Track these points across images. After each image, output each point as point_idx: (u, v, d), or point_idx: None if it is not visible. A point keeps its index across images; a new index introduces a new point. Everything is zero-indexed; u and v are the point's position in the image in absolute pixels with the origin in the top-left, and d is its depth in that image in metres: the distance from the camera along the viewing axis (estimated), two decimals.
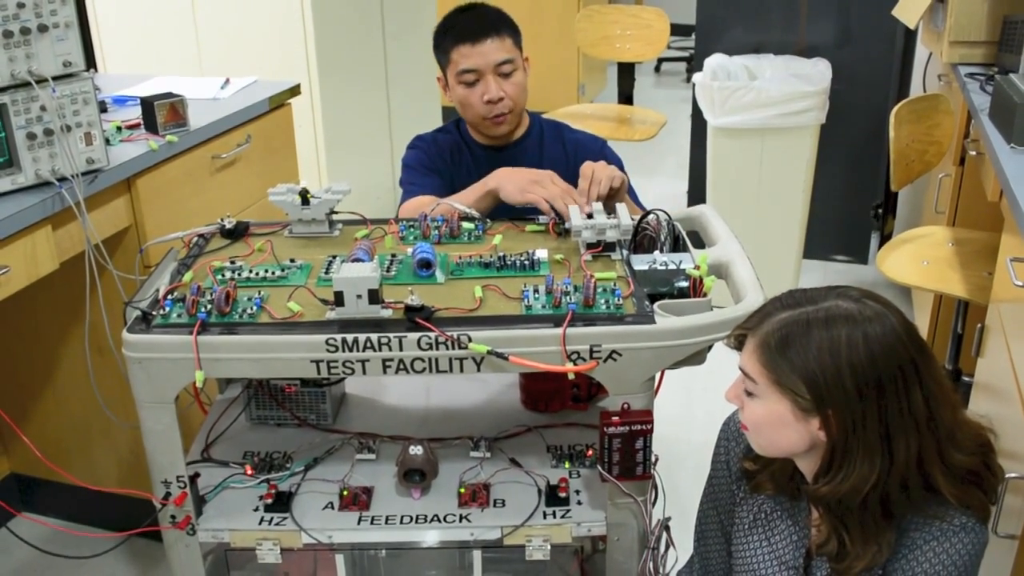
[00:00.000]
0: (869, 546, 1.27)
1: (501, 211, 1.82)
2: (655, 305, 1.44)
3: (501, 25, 2.02)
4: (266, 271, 1.58)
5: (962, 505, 1.27)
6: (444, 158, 2.12)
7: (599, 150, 2.09)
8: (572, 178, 1.76)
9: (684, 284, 1.53)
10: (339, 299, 1.41)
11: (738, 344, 1.33)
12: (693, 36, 4.02)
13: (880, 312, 1.24)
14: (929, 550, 1.26)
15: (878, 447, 1.23)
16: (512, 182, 1.77)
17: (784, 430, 1.27)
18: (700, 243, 1.70)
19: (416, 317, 1.39)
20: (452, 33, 2.03)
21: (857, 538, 1.28)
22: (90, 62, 1.97)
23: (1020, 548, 1.53)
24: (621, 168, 1.88)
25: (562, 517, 1.56)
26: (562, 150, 2.12)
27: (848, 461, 1.24)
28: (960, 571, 1.26)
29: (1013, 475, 1.52)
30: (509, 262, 1.58)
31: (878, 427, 1.22)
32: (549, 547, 1.55)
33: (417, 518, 1.57)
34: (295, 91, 2.54)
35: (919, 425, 1.23)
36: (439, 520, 1.56)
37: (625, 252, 1.62)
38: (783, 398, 1.25)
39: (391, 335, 1.39)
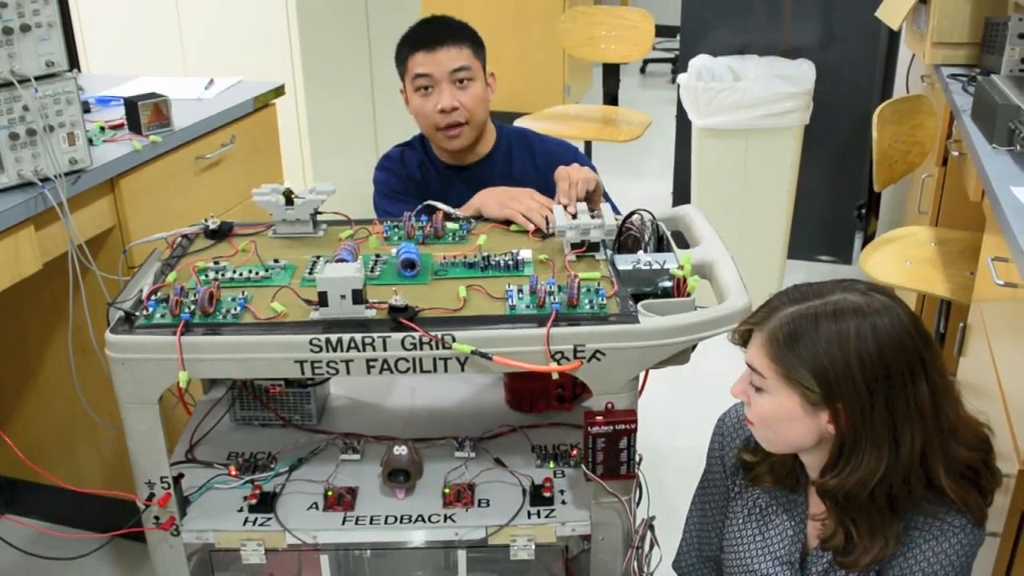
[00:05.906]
0: (876, 539, 1.28)
1: None
2: (639, 305, 1.44)
3: (460, 35, 1.98)
4: (250, 271, 1.58)
5: (961, 504, 1.27)
6: (414, 178, 2.10)
7: (572, 158, 2.01)
8: (544, 190, 1.78)
9: (668, 284, 1.54)
10: (323, 299, 1.41)
11: (743, 340, 1.33)
12: (678, 37, 4.03)
13: (888, 304, 1.24)
14: (928, 548, 1.28)
15: (885, 439, 1.24)
16: (493, 198, 1.81)
17: (793, 424, 1.28)
18: (684, 243, 1.71)
19: (400, 317, 1.39)
20: (410, 42, 2.00)
21: (865, 531, 1.29)
22: (73, 62, 1.96)
23: (1002, 545, 1.54)
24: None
25: (547, 517, 1.56)
26: (532, 163, 2.07)
27: (856, 454, 1.25)
28: (956, 569, 1.28)
29: None
30: (493, 262, 1.59)
31: (886, 419, 1.23)
32: (534, 547, 1.55)
33: (402, 518, 1.57)
34: (280, 91, 2.54)
35: (924, 417, 1.24)
36: (424, 520, 1.56)
37: (609, 252, 1.62)
38: (792, 392, 1.26)
39: (375, 335, 1.39)
